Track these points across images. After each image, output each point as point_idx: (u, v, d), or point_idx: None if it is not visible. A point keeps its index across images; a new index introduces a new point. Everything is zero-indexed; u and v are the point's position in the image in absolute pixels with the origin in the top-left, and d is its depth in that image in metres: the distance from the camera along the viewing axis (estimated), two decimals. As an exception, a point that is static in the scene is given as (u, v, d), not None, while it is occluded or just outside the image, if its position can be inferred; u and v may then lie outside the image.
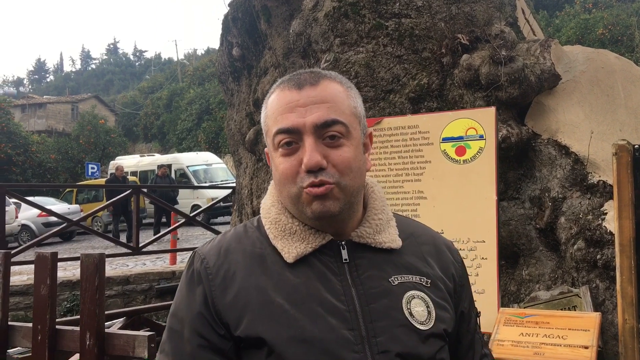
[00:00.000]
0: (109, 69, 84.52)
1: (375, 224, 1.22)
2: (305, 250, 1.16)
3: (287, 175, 1.15)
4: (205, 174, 20.89)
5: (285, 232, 1.19)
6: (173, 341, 1.16)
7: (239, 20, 5.77)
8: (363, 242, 1.20)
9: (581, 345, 2.84)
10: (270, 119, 1.19)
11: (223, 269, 1.16)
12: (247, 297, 1.12)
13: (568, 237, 3.51)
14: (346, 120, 1.16)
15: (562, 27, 19.80)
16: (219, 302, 1.13)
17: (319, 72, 1.20)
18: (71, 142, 33.67)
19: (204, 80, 38.72)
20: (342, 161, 1.14)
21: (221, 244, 1.22)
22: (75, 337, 3.30)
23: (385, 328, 1.12)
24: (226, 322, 1.12)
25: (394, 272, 1.19)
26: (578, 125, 3.71)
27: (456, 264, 1.30)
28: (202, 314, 1.14)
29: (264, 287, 1.13)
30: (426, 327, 1.15)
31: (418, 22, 4.23)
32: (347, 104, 1.18)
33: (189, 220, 10.23)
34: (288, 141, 1.14)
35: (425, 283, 1.20)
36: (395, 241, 1.23)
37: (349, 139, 1.16)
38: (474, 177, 3.42)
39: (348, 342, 1.09)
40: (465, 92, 3.96)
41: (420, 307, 1.16)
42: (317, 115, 1.13)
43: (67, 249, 13.62)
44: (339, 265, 1.17)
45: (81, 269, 3.25)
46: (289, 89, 1.17)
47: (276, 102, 1.18)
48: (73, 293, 7.80)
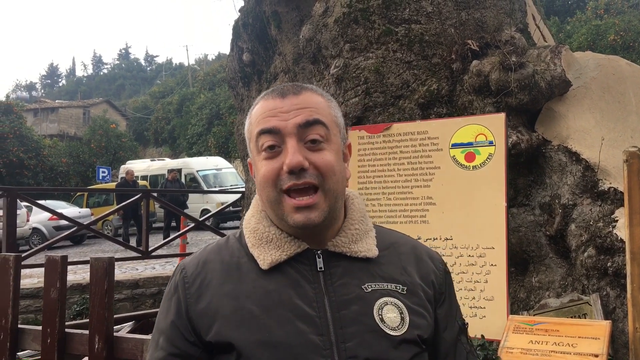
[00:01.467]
0: (121, 73, 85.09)
1: (351, 234, 1.24)
2: (280, 258, 1.19)
3: (268, 178, 1.17)
4: (215, 178, 20.96)
5: (262, 240, 1.22)
6: (151, 350, 1.22)
7: (250, 26, 5.80)
8: (339, 251, 1.21)
9: (591, 353, 2.82)
10: (253, 124, 1.23)
11: (199, 278, 1.21)
12: (219, 304, 1.16)
13: (578, 244, 3.48)
14: (327, 123, 1.20)
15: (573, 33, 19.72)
16: (192, 309, 1.17)
17: (301, 85, 1.25)
18: (82, 146, 33.89)
19: (214, 85, 38.89)
20: (324, 163, 1.16)
21: (201, 255, 1.27)
22: (84, 341, 3.31)
23: (355, 334, 1.13)
24: (198, 328, 1.16)
25: (368, 280, 1.20)
26: (589, 131, 3.69)
27: (437, 272, 1.29)
28: (174, 323, 1.18)
29: (237, 295, 1.16)
30: (398, 332, 1.15)
31: (428, 27, 4.23)
32: (327, 112, 1.22)
33: (198, 225, 10.25)
34: (271, 144, 1.17)
35: (401, 290, 1.21)
36: (371, 250, 1.24)
37: (330, 143, 1.19)
38: (484, 184, 3.40)
39: (316, 347, 1.10)
40: (475, 98, 3.95)
41: (393, 314, 1.17)
42: (300, 117, 1.17)
43: (78, 253, 13.69)
44: (314, 274, 1.18)
45: (90, 272, 3.26)
46: (273, 98, 1.21)
47: (260, 111, 1.22)
48: (83, 296, 7.83)
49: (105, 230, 16.95)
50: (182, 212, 11.09)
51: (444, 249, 3.44)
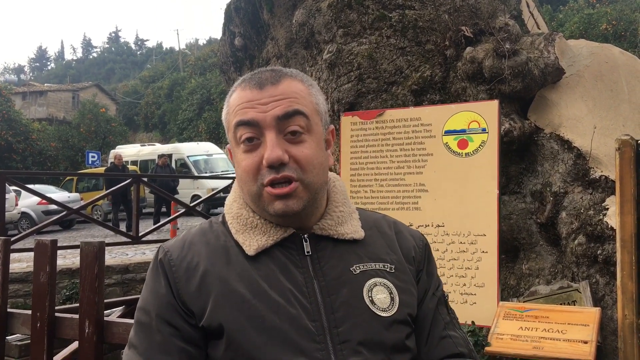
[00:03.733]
0: (110, 57, 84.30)
1: (337, 216, 1.23)
2: (266, 243, 1.17)
3: (248, 172, 1.15)
4: (206, 164, 20.87)
5: (247, 226, 1.20)
6: (142, 334, 1.15)
7: (242, 10, 5.74)
8: (325, 234, 1.20)
9: (580, 340, 2.84)
10: (231, 114, 1.19)
11: (186, 261, 1.17)
12: (210, 287, 1.13)
13: (569, 232, 3.50)
14: (308, 113, 1.17)
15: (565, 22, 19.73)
16: (184, 292, 1.14)
17: (280, 70, 1.21)
18: (72, 131, 33.61)
19: (205, 70, 38.63)
20: (304, 157, 1.14)
21: (185, 238, 1.23)
22: (75, 325, 3.30)
23: (346, 318, 1.12)
24: (192, 311, 1.13)
25: (356, 261, 1.19)
26: (581, 119, 3.69)
27: (417, 248, 1.29)
28: (171, 304, 1.14)
29: (227, 278, 1.14)
30: (388, 313, 1.15)
31: (422, 13, 4.21)
32: (308, 100, 1.19)
33: (188, 210, 10.23)
34: (249, 137, 1.15)
35: (389, 269, 1.21)
36: (357, 232, 1.23)
37: (311, 134, 1.17)
38: (476, 171, 3.41)
39: (309, 332, 1.09)
40: (468, 85, 3.94)
41: (382, 294, 1.16)
42: (279, 108, 1.14)
43: (67, 237, 13.63)
44: (301, 258, 1.17)
45: (81, 257, 3.24)
46: (250, 89, 1.17)
47: (237, 100, 1.18)
48: (72, 281, 7.80)
49: (94, 215, 16.85)
50: (172, 197, 11.04)
51: (435, 235, 3.44)
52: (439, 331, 1.25)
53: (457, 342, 1.25)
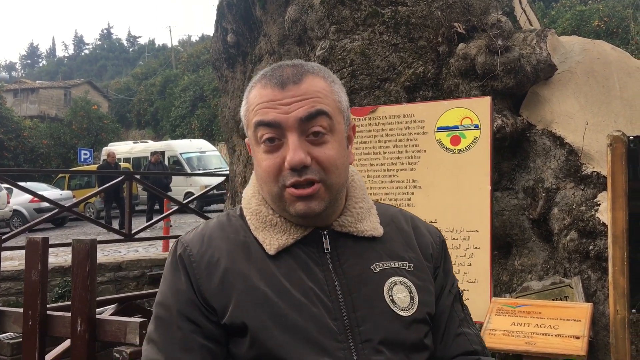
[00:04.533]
0: (102, 54, 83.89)
1: (356, 213, 1.22)
2: (286, 242, 1.16)
3: (269, 173, 1.13)
4: (199, 161, 20.84)
5: (266, 223, 1.18)
6: (161, 329, 1.13)
7: (234, 6, 5.72)
8: (345, 231, 1.19)
9: (572, 335, 2.85)
10: (251, 112, 1.17)
11: (207, 256, 1.15)
12: (232, 284, 1.12)
13: (561, 228, 3.52)
14: (331, 112, 1.14)
15: (557, 19, 19.77)
16: (205, 288, 1.12)
17: (302, 67, 1.18)
18: (64, 128, 33.44)
19: (198, 67, 38.50)
20: (326, 158, 1.12)
21: (204, 231, 1.21)
22: (67, 323, 3.29)
23: (368, 317, 1.12)
24: (214, 308, 1.11)
25: (376, 259, 1.19)
26: (573, 116, 3.70)
27: (434, 245, 1.29)
28: (192, 300, 1.12)
29: (248, 274, 1.12)
30: (408, 313, 1.15)
31: (414, 10, 4.21)
32: (331, 98, 1.16)
33: (182, 208, 10.20)
34: (271, 137, 1.12)
35: (408, 267, 1.20)
36: (376, 229, 1.22)
37: (333, 134, 1.15)
38: (469, 167, 3.41)
39: (331, 331, 1.09)
40: (460, 81, 3.95)
41: (403, 293, 1.16)
42: (301, 109, 1.11)
43: (59, 235, 13.57)
44: (321, 255, 1.17)
45: (72, 254, 3.23)
46: (271, 87, 1.14)
47: (257, 98, 1.16)
48: (65, 279, 7.77)
49: (87, 213, 16.79)
50: (165, 194, 11.01)
51: (428, 232, 3.44)
52: (454, 328, 1.25)
53: (471, 339, 1.26)
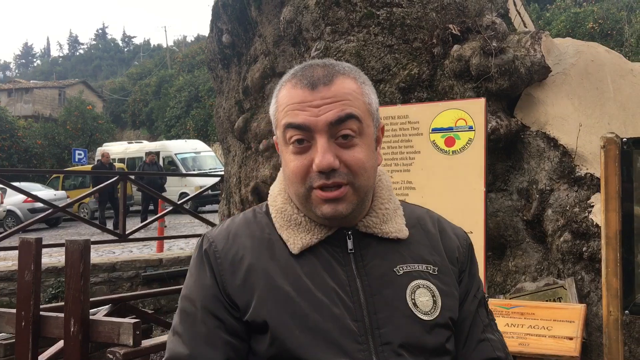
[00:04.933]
0: (97, 54, 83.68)
1: (382, 214, 1.21)
2: (310, 242, 1.16)
3: (296, 174, 1.13)
4: (194, 161, 20.82)
5: (291, 222, 1.18)
6: (186, 323, 1.15)
7: (229, 7, 5.72)
8: (369, 232, 1.19)
9: (565, 336, 2.86)
10: (280, 112, 1.16)
11: (231, 253, 1.16)
12: (255, 282, 1.12)
13: (555, 229, 3.53)
14: (360, 116, 1.13)
15: (552, 21, 19.84)
16: (229, 285, 1.13)
17: (333, 67, 1.16)
18: (58, 128, 33.32)
19: (193, 67, 38.44)
20: (355, 162, 1.12)
21: (230, 228, 1.22)
22: (60, 324, 3.28)
23: (389, 319, 1.11)
24: (237, 304, 1.12)
25: (400, 261, 1.18)
26: (567, 117, 3.72)
27: (461, 249, 1.28)
28: (216, 296, 1.13)
29: (271, 272, 1.13)
30: (431, 317, 1.14)
31: (409, 11, 4.21)
32: (361, 100, 1.15)
33: (176, 208, 10.18)
34: (299, 139, 1.12)
35: (432, 271, 1.19)
36: (402, 231, 1.21)
37: (362, 137, 1.14)
38: (463, 168, 3.42)
39: (352, 332, 1.09)
40: (455, 82, 3.96)
41: (425, 297, 1.15)
42: (331, 113, 1.11)
43: (53, 235, 13.52)
44: (344, 255, 1.16)
45: (66, 255, 3.22)
46: (302, 88, 1.13)
47: (287, 98, 1.15)
48: (58, 280, 7.74)
49: (81, 213, 16.74)
50: (160, 195, 10.99)
51: (422, 233, 3.45)
52: (478, 334, 1.24)
53: (495, 345, 1.24)
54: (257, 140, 5.42)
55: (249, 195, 5.55)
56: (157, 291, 6.98)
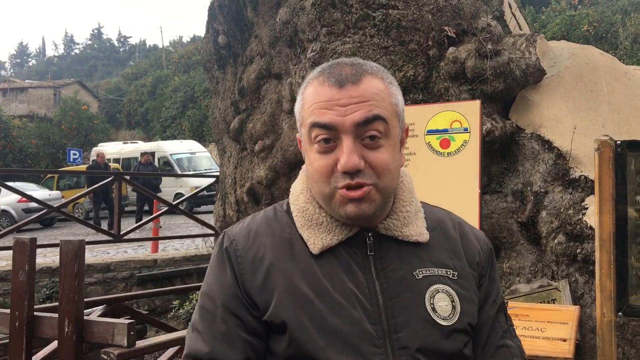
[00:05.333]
0: (93, 54, 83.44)
1: (403, 216, 1.20)
2: (331, 242, 1.15)
3: (321, 174, 1.12)
4: (189, 162, 20.79)
5: (312, 222, 1.18)
6: (206, 320, 1.15)
7: (226, 8, 5.72)
8: (390, 234, 1.18)
9: (559, 338, 2.87)
10: (306, 110, 1.15)
11: (252, 252, 1.16)
12: (275, 282, 1.12)
13: (549, 231, 3.54)
14: (387, 117, 1.13)
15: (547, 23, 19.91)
16: (250, 284, 1.13)
17: (361, 67, 1.16)
18: (53, 128, 33.22)
19: (189, 67, 38.38)
20: (380, 163, 1.11)
21: (250, 226, 1.21)
22: (54, 324, 3.27)
23: (407, 323, 1.11)
24: (256, 304, 1.12)
25: (419, 265, 1.17)
26: (561, 120, 3.73)
27: (482, 253, 1.26)
28: (236, 295, 1.13)
29: (291, 274, 1.12)
30: (449, 322, 1.13)
31: (405, 13, 4.22)
32: (388, 101, 1.15)
33: (171, 209, 10.16)
34: (326, 138, 1.11)
35: (452, 276, 1.18)
36: (422, 234, 1.20)
37: (388, 138, 1.13)
38: (458, 170, 3.43)
39: (370, 336, 1.08)
40: (450, 84, 3.97)
41: (444, 302, 1.14)
42: (358, 113, 1.10)
43: (48, 236, 13.48)
44: (364, 257, 1.15)
45: (60, 255, 3.21)
46: (329, 86, 1.12)
47: (314, 96, 1.14)
48: (52, 280, 7.72)
49: (76, 213, 16.69)
50: (155, 195, 10.97)
51: (417, 234, 3.46)
52: (497, 340, 1.23)
53: (513, 352, 1.23)
54: (252, 141, 5.42)
55: (245, 196, 5.55)
56: (152, 292, 6.97)
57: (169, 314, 7.73)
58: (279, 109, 5.30)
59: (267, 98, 5.42)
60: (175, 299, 7.72)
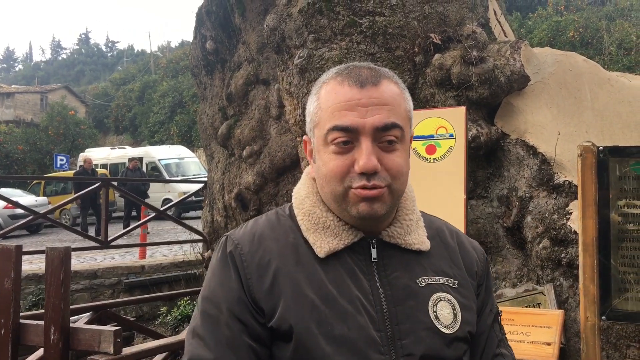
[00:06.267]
0: (80, 59, 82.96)
1: (406, 224, 1.21)
2: (337, 247, 1.15)
3: (336, 174, 1.12)
4: (177, 167, 20.70)
5: (319, 225, 1.17)
6: (209, 325, 1.12)
7: (213, 14, 5.73)
8: (393, 242, 1.19)
9: (544, 342, 2.90)
10: (324, 111, 1.15)
11: (257, 256, 1.14)
12: (281, 287, 1.11)
13: (534, 236, 3.58)
14: (402, 124, 1.15)
15: (534, 29, 20.08)
16: (256, 290, 1.11)
17: (378, 70, 1.17)
18: (40, 133, 32.95)
19: (177, 72, 38.26)
20: (395, 166, 1.13)
21: (254, 230, 1.20)
22: (40, 332, 3.25)
23: (411, 331, 1.12)
24: (262, 309, 1.11)
25: (422, 273, 1.18)
26: (545, 126, 3.77)
27: (479, 263, 1.29)
28: (242, 299, 1.11)
29: (297, 279, 1.12)
30: (451, 330, 1.14)
31: (392, 20, 4.26)
32: (403, 107, 1.17)
33: (159, 214, 10.11)
34: (345, 140, 1.12)
35: (452, 284, 1.20)
36: (424, 243, 1.22)
37: (403, 143, 1.15)
38: (444, 176, 3.45)
39: (375, 342, 1.09)
40: (436, 91, 4.00)
41: (446, 310, 1.16)
42: (378, 117, 1.11)
43: (34, 242, 13.37)
44: (368, 264, 1.16)
45: (46, 262, 3.20)
46: (350, 85, 1.13)
47: (334, 96, 1.14)
48: (39, 287, 7.66)
49: (63, 220, 16.57)
50: (142, 201, 10.91)
51: (404, 239, 3.48)
52: (493, 349, 1.25)
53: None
54: (240, 146, 5.43)
55: (232, 202, 5.55)
56: (139, 298, 6.93)
57: (156, 321, 7.70)
58: (266, 114, 5.31)
59: (255, 104, 5.43)
60: (163, 305, 7.69)
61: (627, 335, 3.14)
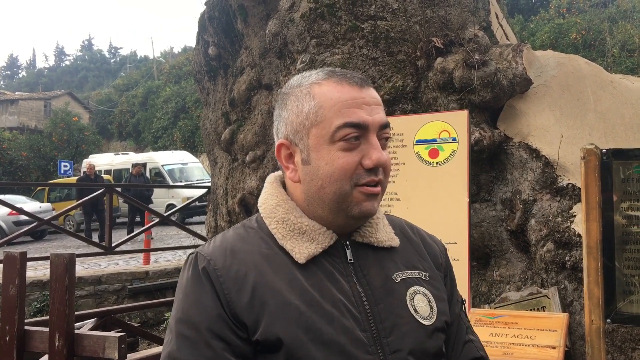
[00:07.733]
0: (83, 65, 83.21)
1: (375, 223, 1.23)
2: (315, 251, 1.14)
3: (345, 171, 1.12)
4: (181, 173, 20.72)
5: (294, 232, 1.16)
6: (188, 348, 1.07)
7: (216, 19, 5.75)
8: (366, 241, 1.20)
9: (549, 345, 2.89)
10: (329, 110, 1.13)
11: (233, 270, 1.11)
12: (263, 298, 1.09)
13: (538, 239, 3.57)
14: None
15: (536, 31, 20.07)
16: (236, 304, 1.08)
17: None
18: (43, 140, 33.04)
19: (180, 78, 38.36)
20: (389, 164, 1.17)
21: (225, 244, 1.17)
22: (44, 338, 3.26)
23: (394, 327, 1.13)
24: (244, 324, 1.08)
25: (395, 269, 1.20)
26: (548, 129, 3.77)
27: (442, 255, 1.32)
28: (221, 316, 1.08)
29: (278, 288, 1.10)
30: (430, 322, 1.17)
31: (394, 24, 4.26)
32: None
33: (163, 220, 10.14)
34: (356, 136, 1.12)
35: (424, 277, 1.22)
36: (393, 239, 1.24)
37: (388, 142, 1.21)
38: (447, 179, 3.45)
39: (362, 343, 1.09)
40: (439, 95, 4.00)
41: (423, 303, 1.18)
42: (379, 116, 1.15)
43: (38, 249, 13.40)
44: (345, 266, 1.16)
45: (51, 269, 3.21)
46: (350, 85, 1.15)
47: (337, 95, 1.14)
48: (43, 293, 7.67)
49: (67, 226, 16.60)
50: (146, 207, 10.94)
51: (407, 244, 3.48)
52: (463, 336, 1.28)
53: (477, 346, 1.30)
54: (243, 151, 5.44)
55: (236, 207, 5.56)
56: (144, 304, 6.94)
57: (161, 326, 7.70)
58: (269, 119, 5.32)
59: (257, 109, 5.44)
60: (167, 311, 7.69)
61: (633, 338, 3.13)
